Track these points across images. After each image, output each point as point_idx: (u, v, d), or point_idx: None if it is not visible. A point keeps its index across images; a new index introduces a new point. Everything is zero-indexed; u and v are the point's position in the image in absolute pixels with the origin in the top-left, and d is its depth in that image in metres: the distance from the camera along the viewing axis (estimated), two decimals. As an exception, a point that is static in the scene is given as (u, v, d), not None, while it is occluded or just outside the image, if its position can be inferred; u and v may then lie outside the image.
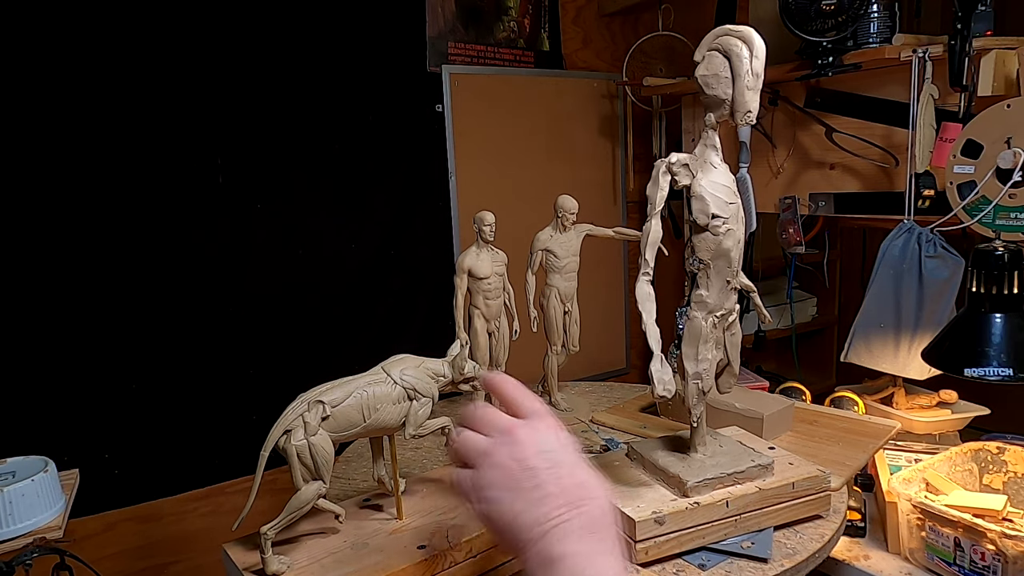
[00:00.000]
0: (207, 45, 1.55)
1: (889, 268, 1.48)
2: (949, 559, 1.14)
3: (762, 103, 0.91)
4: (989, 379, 1.08)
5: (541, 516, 0.58)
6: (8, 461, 1.10)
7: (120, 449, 1.53)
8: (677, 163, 0.87)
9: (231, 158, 1.60)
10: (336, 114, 1.72)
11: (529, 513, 0.59)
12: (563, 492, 0.59)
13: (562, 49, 2.10)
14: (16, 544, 0.96)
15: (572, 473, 0.61)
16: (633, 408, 1.41)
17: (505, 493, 0.60)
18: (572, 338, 1.40)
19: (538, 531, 0.58)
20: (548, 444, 0.62)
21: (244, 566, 0.82)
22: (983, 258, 1.12)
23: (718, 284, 0.89)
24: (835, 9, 1.43)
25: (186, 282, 1.57)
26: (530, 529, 0.58)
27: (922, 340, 1.41)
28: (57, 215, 1.43)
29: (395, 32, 1.79)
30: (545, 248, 1.35)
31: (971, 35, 1.28)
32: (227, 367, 1.64)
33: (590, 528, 0.58)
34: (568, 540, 0.57)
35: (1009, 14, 1.56)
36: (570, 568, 0.56)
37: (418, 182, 1.87)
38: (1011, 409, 1.58)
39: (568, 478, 0.60)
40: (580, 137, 2.17)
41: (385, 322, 1.86)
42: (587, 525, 0.58)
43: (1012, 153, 1.22)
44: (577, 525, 0.58)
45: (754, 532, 0.91)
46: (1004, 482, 1.30)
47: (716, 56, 0.83)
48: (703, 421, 0.96)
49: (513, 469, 0.60)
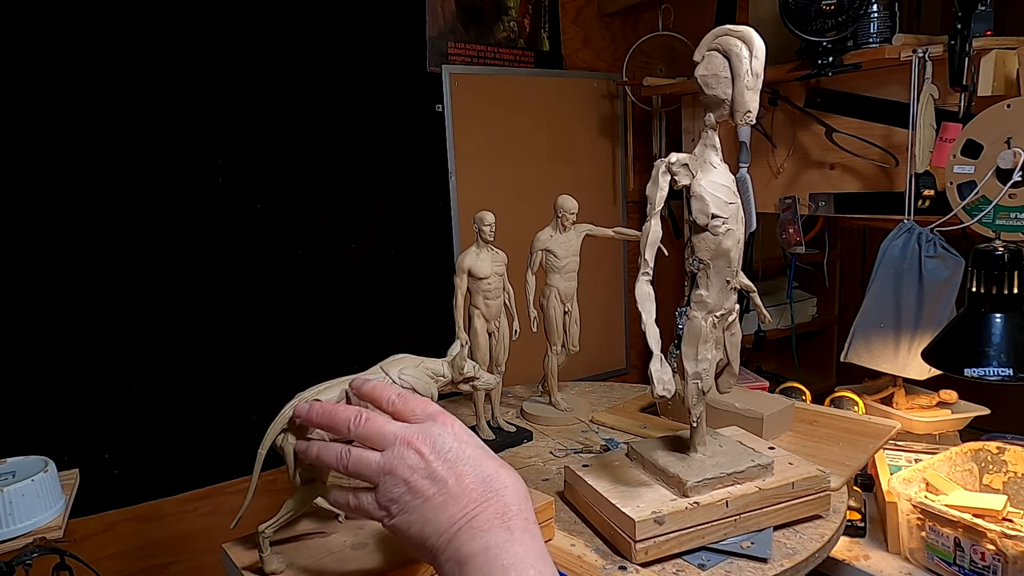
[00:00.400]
0: (207, 45, 1.55)
1: (889, 268, 1.48)
2: (949, 559, 1.14)
3: (762, 103, 0.91)
4: (989, 379, 1.08)
5: (448, 519, 0.58)
6: (8, 461, 1.10)
7: (120, 449, 1.53)
8: (677, 163, 0.87)
9: (231, 158, 1.60)
10: (336, 114, 1.72)
11: (437, 520, 0.58)
12: (466, 491, 0.59)
13: (562, 49, 2.10)
14: (16, 544, 0.96)
15: (474, 470, 0.60)
16: (633, 408, 1.41)
17: (410, 505, 0.59)
18: (572, 338, 1.40)
19: (446, 536, 0.57)
20: (445, 445, 0.61)
21: (244, 566, 0.82)
22: (983, 258, 1.12)
23: (718, 284, 0.89)
24: (835, 9, 1.43)
25: (186, 282, 1.57)
26: (440, 535, 0.58)
27: (922, 340, 1.41)
28: (57, 215, 1.43)
29: (395, 32, 1.79)
30: (545, 248, 1.35)
31: (971, 35, 1.28)
32: (227, 367, 1.64)
33: (500, 519, 0.57)
34: (477, 537, 0.56)
35: (1009, 14, 1.56)
36: (483, 564, 0.55)
37: (418, 182, 1.88)
38: (1011, 409, 1.58)
39: (470, 476, 0.60)
40: (580, 137, 2.17)
41: (385, 322, 1.86)
42: (496, 516, 0.58)
43: (1012, 153, 1.22)
44: (484, 520, 0.57)
45: (754, 532, 0.91)
46: (1004, 482, 1.30)
47: (716, 56, 0.83)
48: (703, 421, 0.96)
49: (412, 479, 0.59)
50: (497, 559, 0.55)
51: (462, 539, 0.57)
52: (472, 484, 0.59)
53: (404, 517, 0.60)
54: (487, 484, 0.60)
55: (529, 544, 0.57)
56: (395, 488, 0.60)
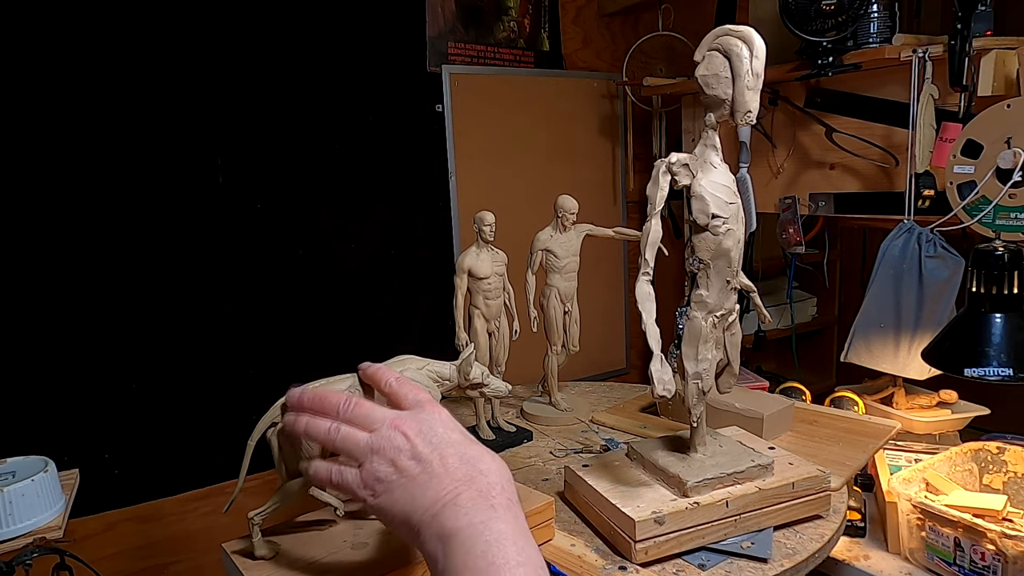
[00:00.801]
0: (207, 45, 1.55)
1: (889, 268, 1.48)
2: (949, 559, 1.14)
3: (762, 103, 0.91)
4: (989, 379, 1.08)
5: (432, 497, 0.59)
6: (8, 461, 1.10)
7: (120, 449, 1.53)
8: (677, 163, 0.87)
9: (231, 158, 1.60)
10: (336, 114, 1.72)
11: (422, 497, 0.59)
12: (450, 471, 0.60)
13: (562, 49, 2.10)
14: (16, 544, 0.96)
15: (460, 453, 0.62)
16: (633, 408, 1.41)
17: (395, 483, 0.61)
18: (572, 338, 1.40)
19: (429, 513, 0.58)
20: (431, 429, 0.63)
21: (244, 566, 0.82)
22: (983, 258, 1.12)
23: (718, 284, 0.89)
24: (835, 9, 1.43)
25: (186, 282, 1.57)
26: (424, 511, 0.59)
27: (922, 340, 1.41)
28: (57, 215, 1.43)
29: (395, 32, 1.79)
30: (545, 248, 1.35)
31: (971, 35, 1.28)
32: (227, 367, 1.64)
33: (484, 498, 0.59)
34: (461, 514, 0.57)
35: (1009, 14, 1.56)
36: (467, 539, 0.56)
37: (418, 182, 1.87)
38: (1011, 409, 1.58)
39: (454, 457, 0.61)
40: (580, 137, 2.17)
41: (385, 322, 1.86)
42: (480, 496, 0.59)
43: (1012, 153, 1.22)
44: (468, 498, 0.58)
45: (754, 532, 0.91)
46: (1004, 482, 1.30)
47: (716, 56, 0.83)
48: (703, 421, 0.96)
49: (399, 459, 0.61)
50: (480, 535, 0.55)
51: (446, 515, 0.58)
52: (456, 464, 0.61)
53: (388, 496, 0.61)
54: (471, 465, 0.61)
55: (512, 522, 0.58)
56: (381, 467, 0.61)
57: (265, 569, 0.80)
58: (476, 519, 0.57)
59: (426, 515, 0.58)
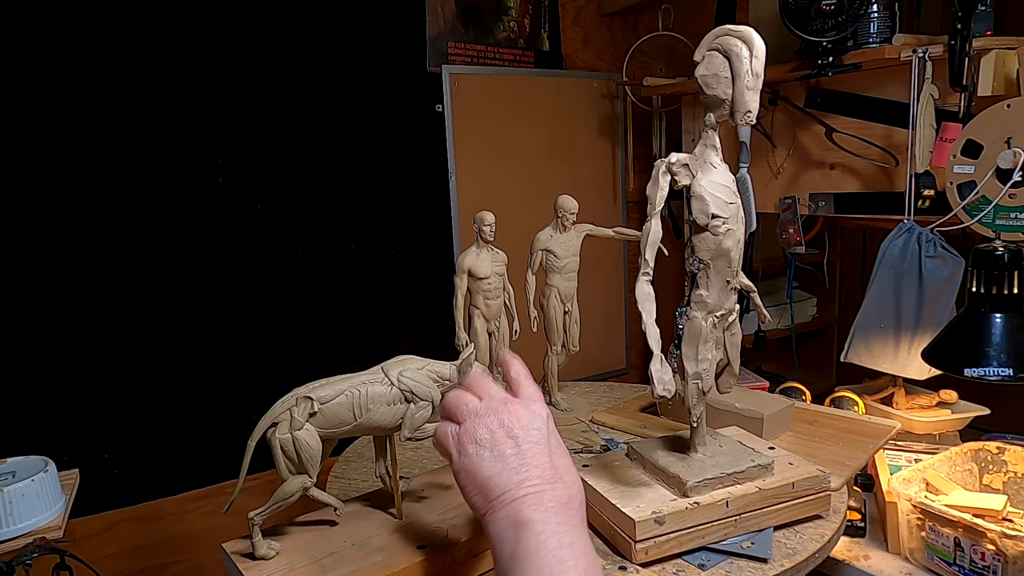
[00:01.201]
0: (207, 45, 1.55)
1: (889, 268, 1.48)
2: (949, 559, 1.14)
3: (762, 103, 0.91)
4: (989, 379, 1.08)
5: (516, 482, 0.60)
6: (8, 461, 1.10)
7: (120, 449, 1.53)
8: (677, 163, 0.87)
9: (231, 158, 1.60)
10: (336, 114, 1.72)
11: (506, 476, 0.61)
12: (540, 468, 0.62)
13: (562, 49, 2.10)
14: (16, 544, 0.97)
15: (552, 455, 0.63)
16: (633, 408, 1.41)
17: (486, 452, 0.62)
18: (572, 338, 1.40)
19: (511, 495, 0.60)
20: (536, 424, 0.65)
21: (244, 566, 0.82)
22: (983, 258, 1.12)
23: (718, 284, 0.89)
24: (835, 9, 1.43)
25: (186, 282, 1.57)
26: (504, 491, 0.60)
27: (922, 340, 1.41)
28: (57, 215, 1.43)
29: (395, 32, 1.79)
30: (545, 248, 1.35)
31: (971, 35, 1.28)
32: (227, 367, 1.64)
33: (561, 506, 0.60)
34: (539, 509, 0.59)
35: (1009, 14, 1.56)
36: (539, 532, 0.57)
37: (418, 182, 1.88)
38: (1011, 409, 1.58)
39: (545, 456, 0.63)
40: (580, 137, 2.17)
41: (385, 322, 1.86)
42: (558, 503, 0.60)
43: (1012, 153, 1.22)
44: (549, 499, 0.60)
45: (754, 532, 0.91)
46: (1004, 482, 1.30)
47: (716, 56, 0.83)
48: (703, 421, 0.96)
49: (498, 433, 0.63)
50: (556, 534, 0.57)
51: (528, 503, 0.59)
52: (546, 464, 0.62)
53: (475, 461, 0.62)
54: (559, 471, 0.63)
55: (585, 537, 0.60)
56: (479, 431, 0.63)
57: (265, 569, 0.80)
58: (555, 519, 0.58)
59: (506, 495, 0.60)
